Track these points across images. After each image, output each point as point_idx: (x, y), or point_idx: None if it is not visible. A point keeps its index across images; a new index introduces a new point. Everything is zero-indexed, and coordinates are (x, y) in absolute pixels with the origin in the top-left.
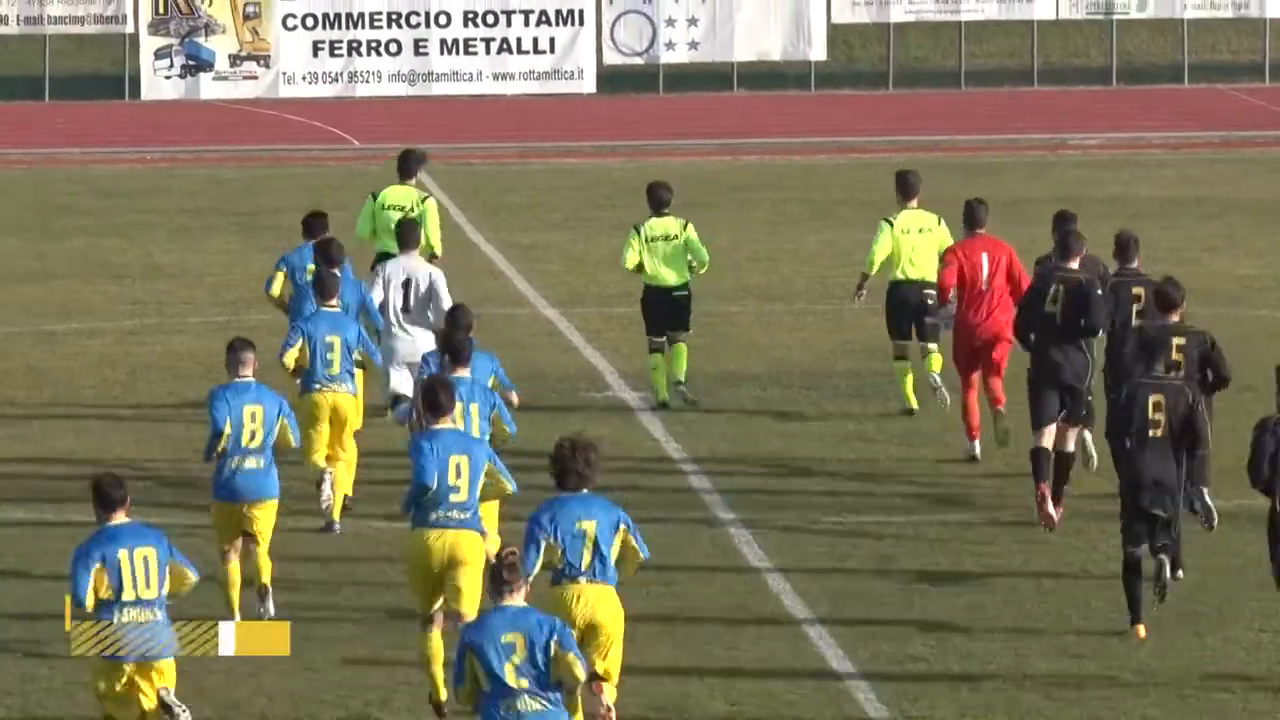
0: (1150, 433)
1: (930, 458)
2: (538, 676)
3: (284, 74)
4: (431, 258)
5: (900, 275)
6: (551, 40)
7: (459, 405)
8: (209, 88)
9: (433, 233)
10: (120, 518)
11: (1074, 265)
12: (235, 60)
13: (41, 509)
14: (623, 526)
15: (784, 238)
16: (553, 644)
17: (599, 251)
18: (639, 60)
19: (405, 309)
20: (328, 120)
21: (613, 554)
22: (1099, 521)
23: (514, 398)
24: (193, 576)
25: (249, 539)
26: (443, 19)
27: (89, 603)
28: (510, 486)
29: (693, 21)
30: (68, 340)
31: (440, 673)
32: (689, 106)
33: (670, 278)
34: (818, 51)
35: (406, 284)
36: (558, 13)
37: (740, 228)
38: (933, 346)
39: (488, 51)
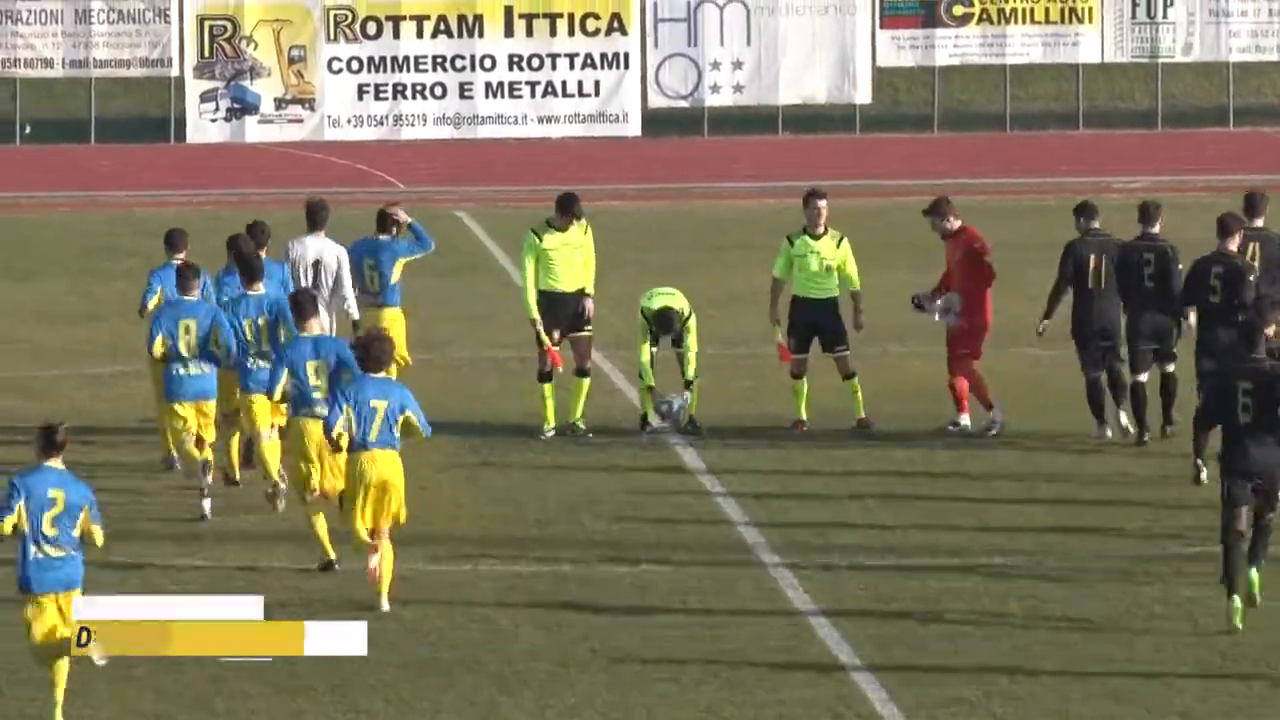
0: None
1: (977, 500)
2: (67, 530)
3: (329, 117)
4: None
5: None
6: (596, 83)
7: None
8: (254, 130)
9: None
10: None
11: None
12: (280, 103)
13: (91, 549)
14: (408, 409)
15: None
16: (84, 510)
17: (638, 295)
18: (684, 103)
19: (315, 288)
20: (373, 163)
21: (397, 428)
22: (1144, 564)
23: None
24: None
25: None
26: (488, 62)
27: None
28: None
29: (737, 65)
30: (114, 382)
31: (325, 536)
32: (733, 149)
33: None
34: (863, 94)
35: (317, 265)
36: (602, 56)
37: None
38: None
39: (533, 95)
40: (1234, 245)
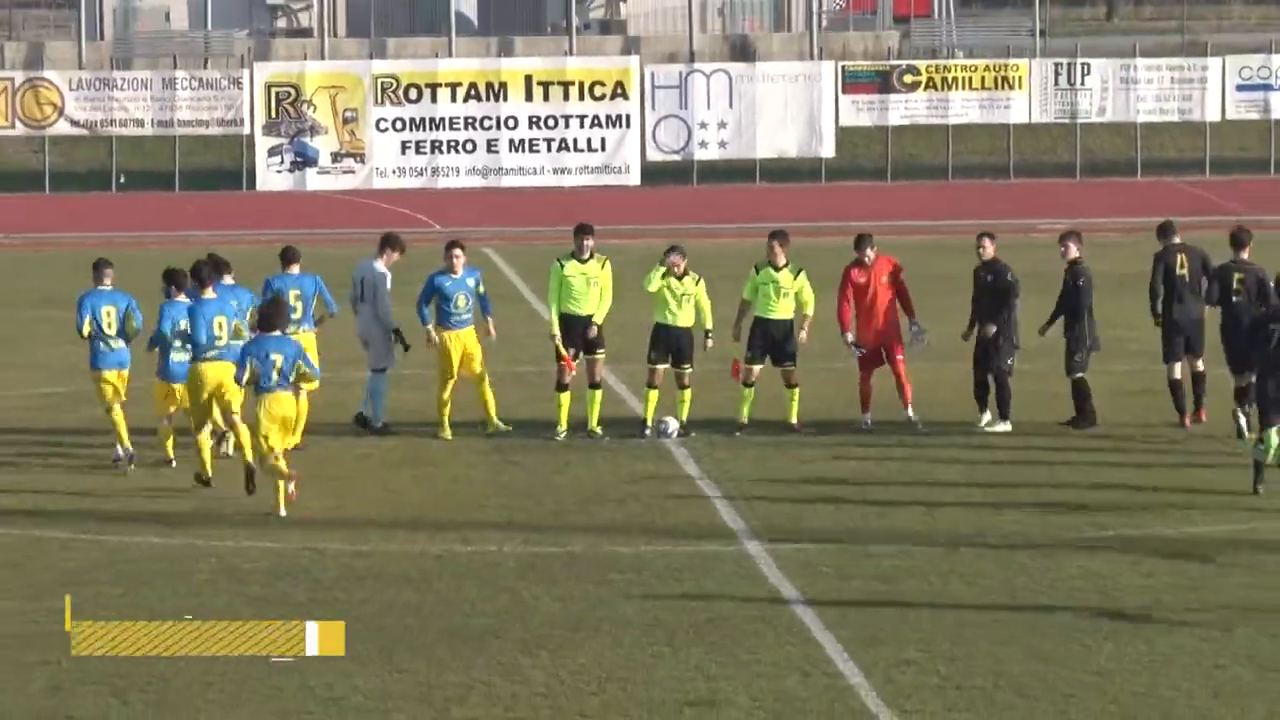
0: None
1: (924, 491)
2: None
3: (377, 169)
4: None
5: None
6: (603, 140)
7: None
8: (314, 180)
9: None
10: None
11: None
12: (336, 157)
13: (172, 534)
14: (300, 360)
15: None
16: None
17: (642, 318)
18: (677, 157)
19: (360, 299)
20: (414, 208)
21: (292, 374)
22: (1065, 547)
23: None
24: None
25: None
26: (511, 122)
27: None
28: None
29: (722, 124)
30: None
31: (209, 457)
32: (719, 196)
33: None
34: (828, 149)
35: (360, 281)
36: (608, 117)
37: None
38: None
39: (549, 150)
40: (1246, 254)
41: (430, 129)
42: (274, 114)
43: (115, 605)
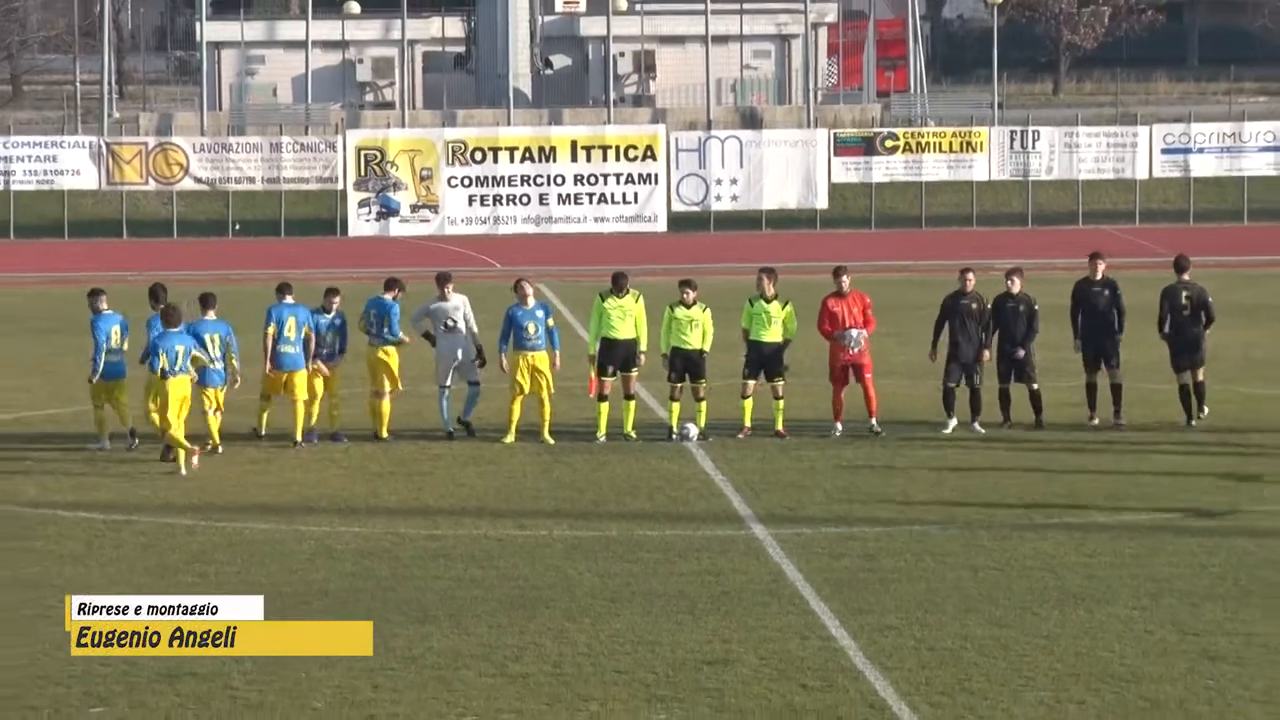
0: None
1: (901, 485)
2: None
3: (448, 218)
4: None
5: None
6: (635, 194)
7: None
8: (396, 228)
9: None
10: None
11: (1187, 278)
12: (414, 208)
13: (278, 520)
14: (194, 349)
15: (799, 332)
16: None
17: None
18: (696, 208)
19: (448, 328)
20: (479, 250)
21: (189, 361)
22: (1019, 531)
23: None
24: None
25: (114, 406)
26: (559, 179)
27: None
28: (205, 359)
29: (734, 181)
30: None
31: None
32: (732, 241)
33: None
34: (822, 202)
35: (442, 311)
36: (640, 175)
37: None
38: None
39: (591, 202)
40: (1188, 276)
41: (492, 185)
42: (363, 172)
43: (231, 582)
